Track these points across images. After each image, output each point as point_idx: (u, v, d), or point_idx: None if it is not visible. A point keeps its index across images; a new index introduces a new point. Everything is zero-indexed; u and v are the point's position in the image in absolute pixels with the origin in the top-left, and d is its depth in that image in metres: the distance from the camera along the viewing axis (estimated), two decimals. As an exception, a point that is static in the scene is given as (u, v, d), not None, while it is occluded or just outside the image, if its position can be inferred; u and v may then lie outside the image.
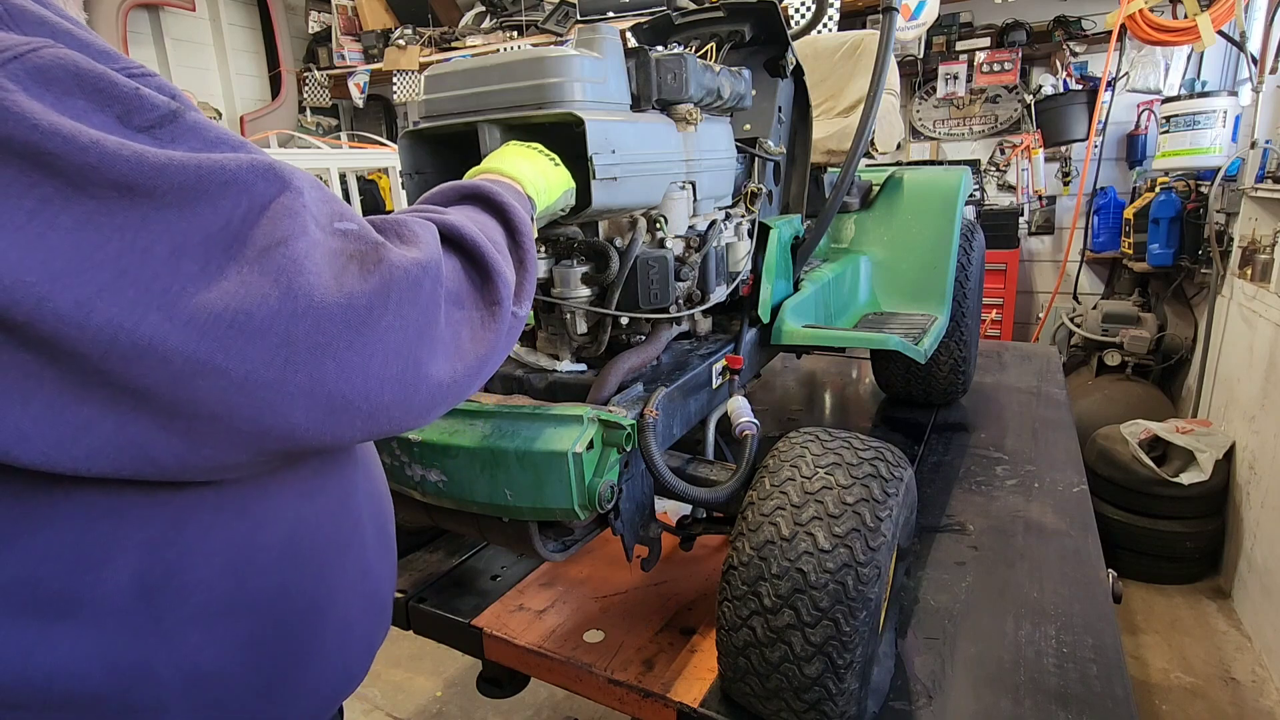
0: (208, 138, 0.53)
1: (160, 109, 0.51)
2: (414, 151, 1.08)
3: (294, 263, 0.51)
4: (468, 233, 0.67)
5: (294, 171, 0.55)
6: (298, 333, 0.51)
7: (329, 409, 0.54)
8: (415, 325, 0.58)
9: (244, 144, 0.56)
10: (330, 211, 0.57)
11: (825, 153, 1.91)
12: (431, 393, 0.61)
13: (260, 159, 0.53)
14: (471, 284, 0.67)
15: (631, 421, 1.00)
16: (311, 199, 0.55)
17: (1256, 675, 2.54)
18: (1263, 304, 2.84)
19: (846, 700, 0.94)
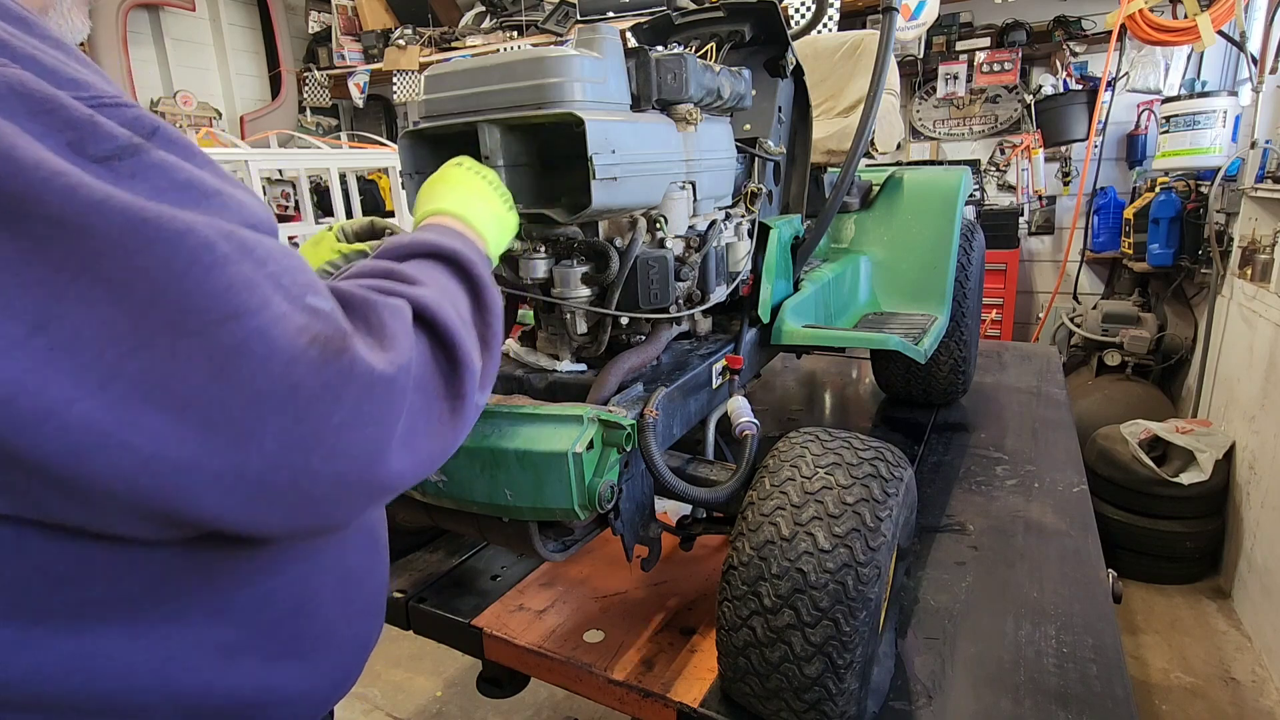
0: (175, 178, 0.49)
1: (119, 140, 0.47)
2: (414, 151, 1.08)
3: (241, 342, 0.46)
4: (443, 318, 0.62)
5: (263, 238, 0.51)
6: (225, 415, 0.46)
7: (248, 497, 0.49)
8: (370, 425, 0.53)
9: (217, 193, 0.52)
10: (304, 283, 0.52)
11: (825, 153, 1.91)
12: (373, 490, 0.56)
13: (219, 225, 0.48)
14: (439, 374, 0.62)
15: (631, 421, 1.00)
16: (281, 268, 0.50)
17: (1256, 675, 2.54)
18: (1263, 304, 2.84)
19: (846, 700, 0.94)
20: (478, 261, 0.72)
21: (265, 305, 0.47)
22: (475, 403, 0.65)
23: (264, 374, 0.47)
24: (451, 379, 0.63)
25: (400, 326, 0.57)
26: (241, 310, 0.46)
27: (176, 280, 0.44)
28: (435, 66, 1.04)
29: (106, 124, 0.47)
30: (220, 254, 0.46)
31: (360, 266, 0.67)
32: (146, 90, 5.14)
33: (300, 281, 0.51)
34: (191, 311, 0.45)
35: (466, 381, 0.63)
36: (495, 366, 0.71)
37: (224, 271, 0.46)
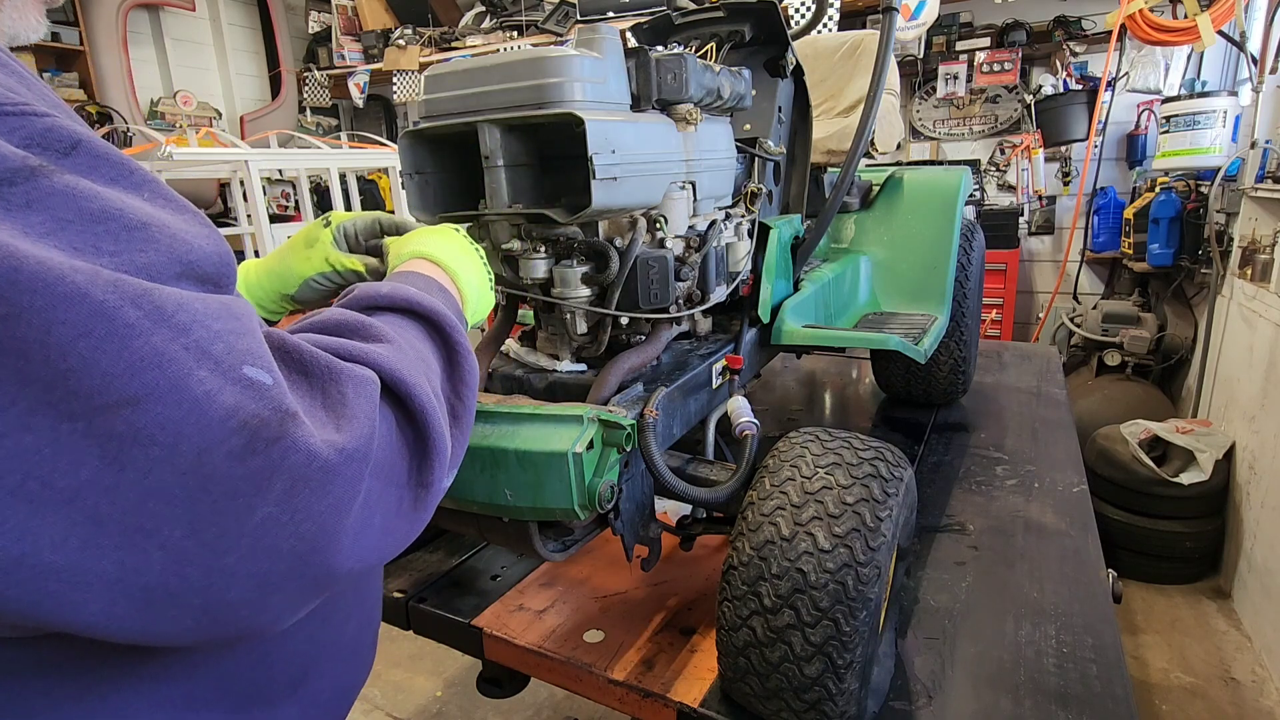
0: (86, 208, 0.41)
1: (7, 162, 0.38)
2: (414, 151, 1.08)
3: (138, 432, 0.38)
4: (417, 393, 0.54)
5: (191, 297, 0.43)
6: (116, 510, 0.39)
7: (146, 603, 0.41)
8: (305, 519, 0.45)
9: (142, 226, 0.43)
10: (242, 350, 0.44)
11: (825, 153, 1.91)
12: (309, 589, 0.48)
13: (128, 285, 0.39)
14: (405, 458, 0.55)
15: (631, 421, 1.00)
16: (211, 333, 0.42)
17: (1256, 675, 2.54)
18: (1263, 304, 2.84)
19: (846, 700, 0.94)
20: (457, 325, 0.65)
21: (177, 386, 0.40)
22: (442, 488, 0.58)
23: (167, 467, 0.39)
24: (420, 464, 0.56)
25: (364, 404, 0.50)
26: (142, 394, 0.38)
27: (58, 355, 0.36)
28: (435, 66, 1.04)
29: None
30: (121, 323, 0.38)
31: (327, 315, 0.59)
32: (146, 90, 5.15)
33: (238, 348, 0.43)
34: (76, 395, 0.37)
35: (436, 467, 0.56)
36: (465, 444, 0.63)
37: (124, 346, 0.38)
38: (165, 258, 0.44)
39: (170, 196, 0.48)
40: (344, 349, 0.54)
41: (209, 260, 0.47)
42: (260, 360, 0.45)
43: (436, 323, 0.64)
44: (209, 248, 0.47)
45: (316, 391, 0.49)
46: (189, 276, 0.45)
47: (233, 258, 0.50)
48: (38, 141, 0.41)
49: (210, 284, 0.47)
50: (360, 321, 0.59)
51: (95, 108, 4.61)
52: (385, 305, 0.63)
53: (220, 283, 0.48)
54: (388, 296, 0.64)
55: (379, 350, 0.55)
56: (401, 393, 0.54)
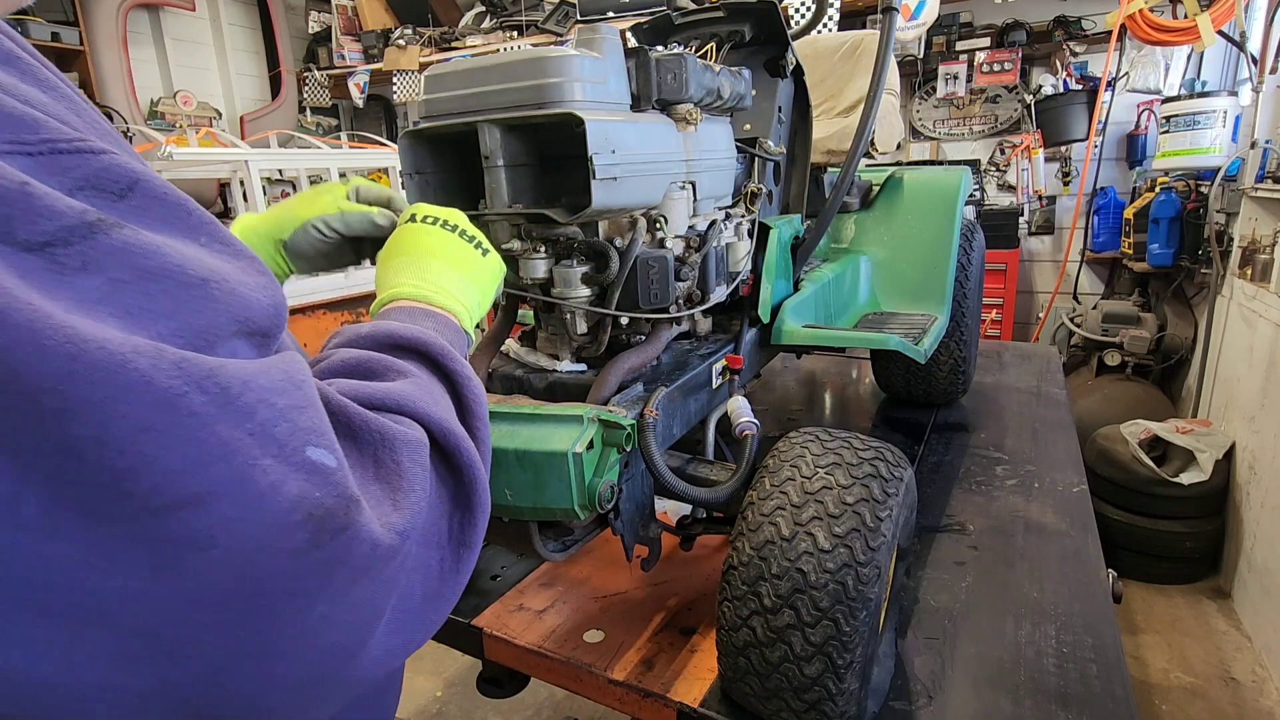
0: (144, 266, 0.36)
1: (63, 218, 0.33)
2: (414, 151, 1.08)
3: (196, 535, 0.34)
4: (465, 446, 0.51)
5: (254, 368, 0.38)
6: (158, 622, 0.35)
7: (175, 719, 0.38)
8: (355, 610, 0.41)
9: (202, 284, 0.38)
10: (307, 428, 0.40)
11: (825, 153, 1.91)
12: (340, 690, 0.44)
13: (194, 364, 0.35)
14: (448, 515, 0.51)
15: (631, 421, 1.00)
16: (276, 412, 0.38)
17: (1256, 675, 2.54)
18: (1263, 304, 2.84)
19: (846, 700, 0.94)
20: (452, 352, 0.59)
21: (242, 480, 0.36)
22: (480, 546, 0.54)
23: (225, 570, 0.35)
24: (463, 521, 0.51)
25: (419, 474, 0.46)
26: (205, 493, 0.34)
27: (116, 453, 0.32)
28: (435, 66, 1.04)
29: (46, 194, 0.33)
30: (186, 413, 0.34)
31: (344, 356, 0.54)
32: (146, 90, 5.15)
33: (301, 426, 0.39)
34: (131, 495, 0.32)
35: (480, 524, 0.52)
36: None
37: (188, 439, 0.34)
38: (224, 318, 0.40)
39: (227, 239, 0.44)
40: (382, 398, 0.49)
41: (265, 314, 0.43)
42: (323, 438, 0.40)
43: (433, 356, 0.58)
44: (265, 300, 0.43)
45: (368, 460, 0.45)
46: (245, 334, 0.42)
47: (285, 306, 0.47)
48: (93, 183, 0.37)
49: (262, 337, 0.44)
50: (380, 360, 0.54)
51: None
52: (369, 343, 0.58)
53: (272, 334, 0.45)
54: (371, 335, 0.58)
55: (410, 392, 0.51)
56: (449, 446, 0.50)
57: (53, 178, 0.35)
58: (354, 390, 0.49)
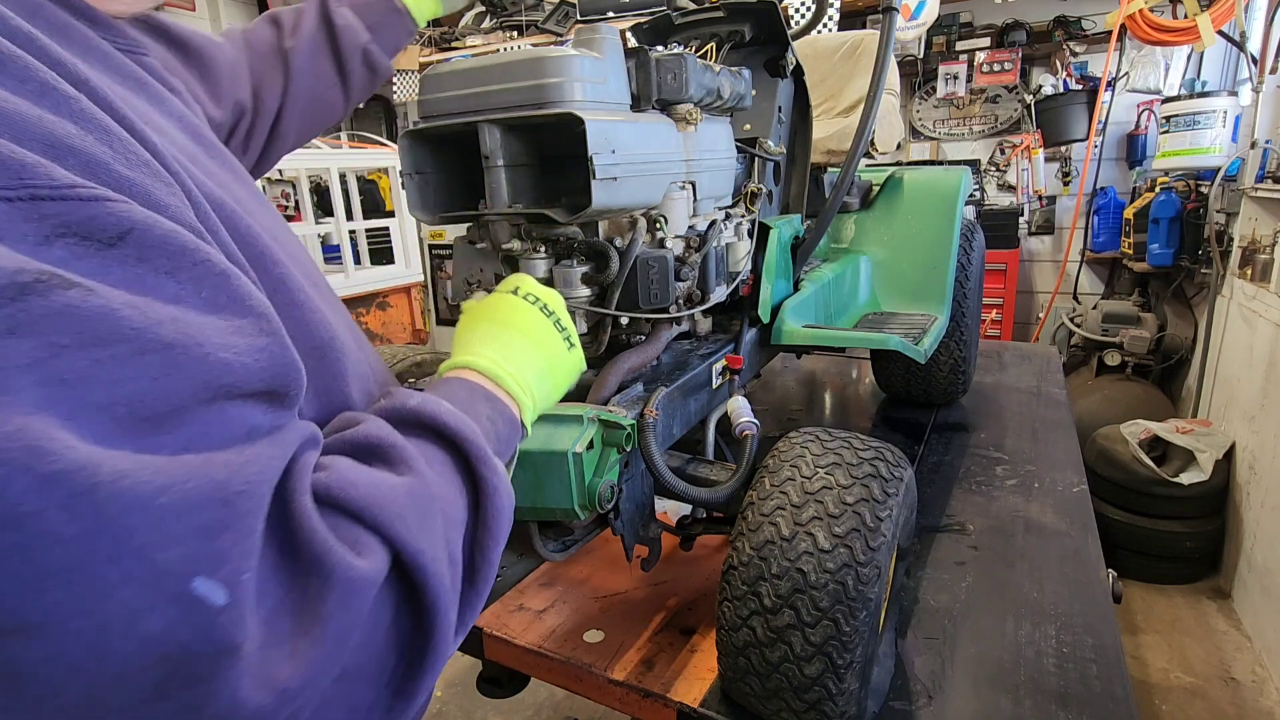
0: (89, 333, 0.34)
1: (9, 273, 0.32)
2: (414, 151, 1.08)
3: (18, 668, 0.31)
4: (434, 583, 0.46)
5: (168, 484, 0.34)
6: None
7: None
8: None
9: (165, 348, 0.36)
10: (205, 555, 0.35)
11: (825, 153, 1.91)
12: None
13: (70, 480, 0.31)
14: (395, 656, 0.45)
15: (631, 421, 1.00)
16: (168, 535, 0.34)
17: (1256, 675, 2.54)
18: (1263, 304, 2.84)
19: (846, 700, 0.94)
20: (491, 459, 0.56)
21: (86, 611, 0.32)
22: (426, 701, 0.48)
23: (47, 706, 0.32)
24: (410, 668, 0.46)
25: (341, 621, 0.41)
26: (34, 623, 0.31)
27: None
28: (435, 66, 1.04)
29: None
30: (35, 531, 0.30)
31: (364, 431, 0.52)
32: (146, 90, 5.15)
33: (202, 552, 0.35)
34: None
35: (427, 677, 0.47)
36: (479, 609, 0.53)
37: (28, 561, 0.30)
38: (188, 385, 0.37)
39: (236, 295, 0.42)
40: (362, 505, 0.45)
41: (256, 377, 0.41)
42: (225, 568, 0.36)
43: (467, 455, 0.55)
44: (256, 363, 0.41)
45: (296, 588, 0.40)
46: (229, 397, 0.40)
47: (292, 366, 0.44)
48: (76, 231, 0.35)
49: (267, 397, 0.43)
50: (392, 444, 0.51)
51: (95, 108, 4.61)
52: (413, 421, 0.54)
53: (280, 393, 0.44)
54: (415, 412, 0.55)
55: (400, 505, 0.46)
56: (416, 581, 0.46)
57: (26, 224, 0.34)
58: (334, 487, 0.45)
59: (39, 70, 0.39)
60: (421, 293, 5.60)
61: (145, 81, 0.58)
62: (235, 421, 0.41)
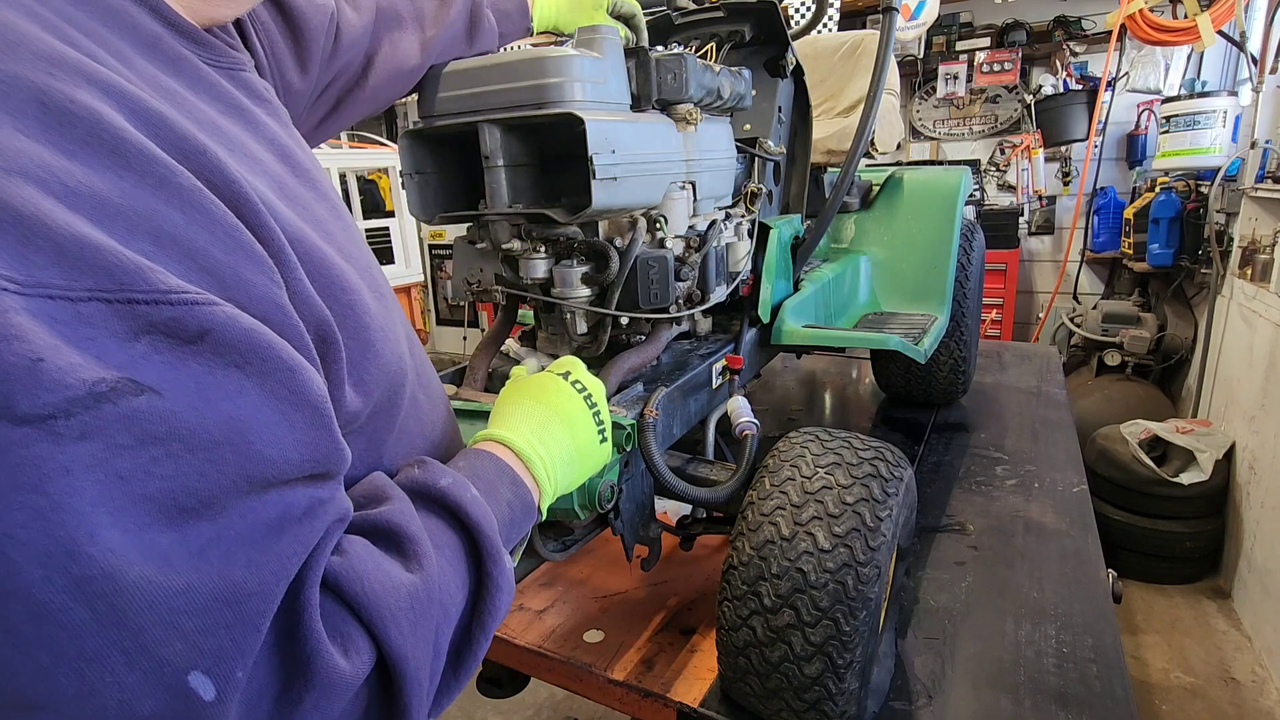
0: (149, 433, 0.37)
1: (70, 390, 0.34)
2: (414, 151, 1.08)
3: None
4: (414, 696, 0.48)
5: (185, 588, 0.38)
6: None
7: None
8: None
9: (213, 446, 0.40)
10: (204, 650, 0.38)
11: (825, 153, 1.91)
12: None
13: (97, 584, 0.35)
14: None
15: (631, 421, 1.00)
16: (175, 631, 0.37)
17: (1256, 675, 2.54)
18: (1263, 304, 2.84)
19: (846, 700, 0.94)
20: (500, 553, 0.58)
21: (88, 695, 0.35)
22: None
23: None
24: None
25: (320, 715, 0.44)
26: (41, 703, 0.34)
27: None
28: (435, 66, 1.04)
29: (59, 369, 0.34)
30: (59, 624, 0.34)
31: (390, 514, 0.53)
32: (146, 90, 5.14)
33: (203, 648, 0.38)
34: None
35: None
36: (458, 691, 0.56)
37: (48, 649, 0.34)
38: (229, 480, 0.40)
39: (297, 389, 0.44)
40: (366, 601, 0.47)
41: (296, 468, 0.44)
42: (221, 665, 0.39)
43: (479, 545, 0.57)
44: (301, 456, 0.44)
45: (282, 675, 0.43)
46: (268, 487, 0.43)
47: (337, 453, 0.47)
48: (162, 329, 0.38)
49: (310, 480, 0.46)
50: (409, 536, 0.53)
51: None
52: (439, 502, 0.57)
53: (322, 475, 0.47)
54: (443, 494, 0.57)
55: (399, 606, 0.48)
56: (395, 682, 0.48)
57: (120, 322, 0.37)
58: (342, 575, 0.47)
59: (160, 163, 0.42)
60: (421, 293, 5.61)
61: (244, 109, 0.59)
62: (272, 504, 0.43)
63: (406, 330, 0.69)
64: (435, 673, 0.52)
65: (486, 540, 0.57)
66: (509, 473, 0.67)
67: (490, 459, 0.67)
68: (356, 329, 0.55)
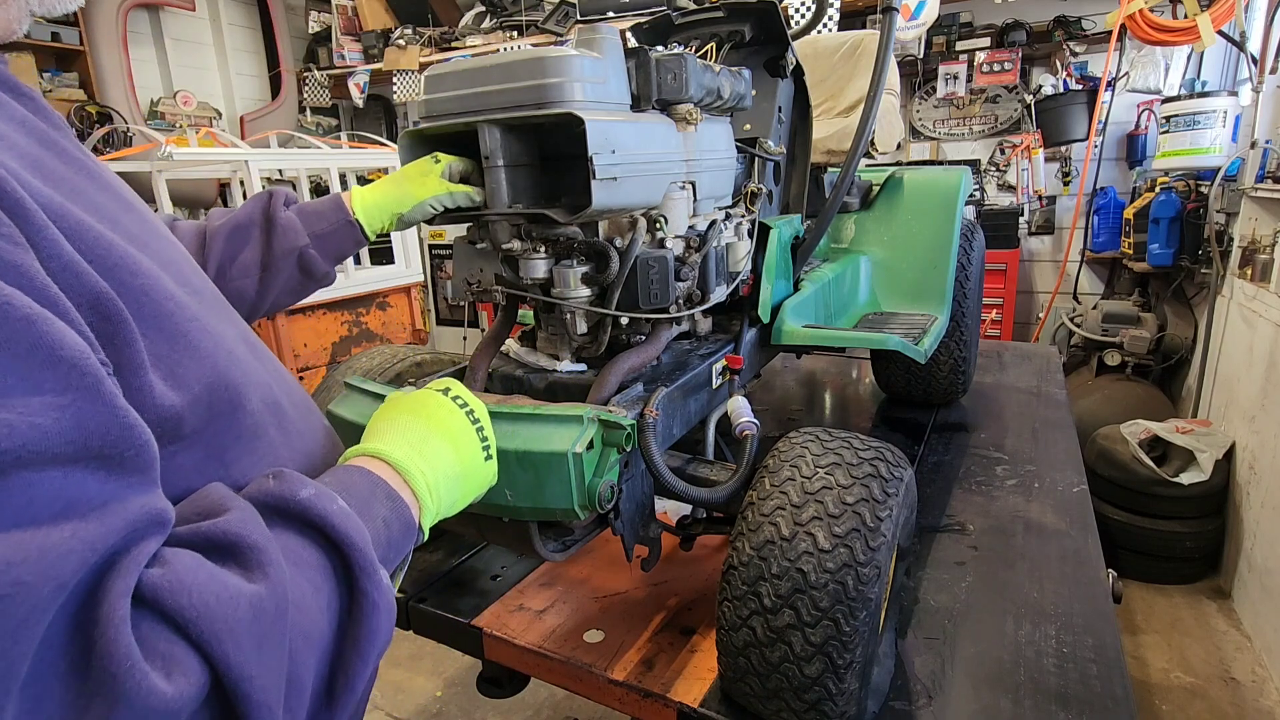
0: None
1: None
2: (414, 151, 1.08)
3: None
4: (256, 712, 0.43)
5: None
6: None
7: None
8: None
9: None
10: None
11: (825, 153, 1.91)
12: None
13: None
14: None
15: (631, 421, 1.00)
16: None
17: (1256, 675, 2.54)
18: (1263, 304, 2.84)
19: (846, 700, 0.94)
20: (374, 567, 0.52)
21: None
22: None
23: None
24: None
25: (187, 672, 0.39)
26: None
27: None
28: (435, 66, 1.04)
29: None
30: None
31: (224, 525, 0.47)
32: (146, 90, 5.15)
33: None
34: None
35: None
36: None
37: None
38: None
39: (34, 344, 0.38)
40: (195, 614, 0.41)
41: (54, 438, 0.38)
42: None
43: (350, 564, 0.51)
44: (55, 423, 0.39)
45: (78, 704, 0.37)
46: (17, 466, 0.37)
47: (118, 424, 0.42)
48: None
49: (84, 466, 0.40)
50: (251, 545, 0.47)
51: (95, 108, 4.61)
52: (297, 516, 0.51)
53: (107, 459, 0.41)
54: (303, 506, 0.51)
55: (236, 619, 0.43)
56: (239, 707, 0.43)
57: None
58: (162, 590, 0.41)
59: None
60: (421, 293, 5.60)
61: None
62: (50, 494, 0.38)
63: (252, 341, 0.66)
64: (297, 708, 0.46)
65: (358, 554, 0.51)
66: (384, 487, 0.61)
67: (362, 473, 0.61)
68: (156, 316, 0.51)
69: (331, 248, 1.07)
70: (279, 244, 1.02)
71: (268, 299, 1.04)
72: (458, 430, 0.72)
